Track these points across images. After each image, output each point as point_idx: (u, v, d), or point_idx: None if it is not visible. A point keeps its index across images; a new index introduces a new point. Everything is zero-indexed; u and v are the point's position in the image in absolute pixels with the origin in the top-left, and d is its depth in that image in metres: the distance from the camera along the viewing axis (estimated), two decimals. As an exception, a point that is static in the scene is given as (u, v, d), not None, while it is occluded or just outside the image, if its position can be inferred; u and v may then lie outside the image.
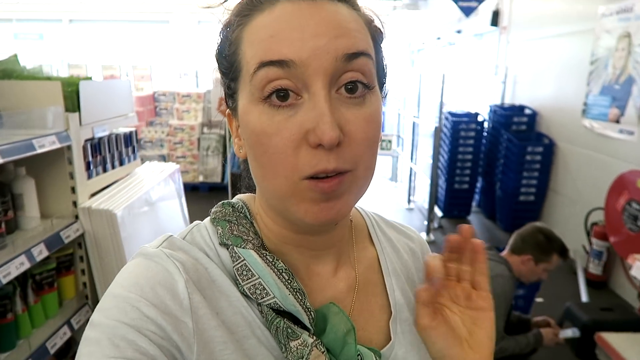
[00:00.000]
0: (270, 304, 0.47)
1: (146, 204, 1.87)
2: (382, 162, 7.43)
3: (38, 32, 9.43)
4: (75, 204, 1.65)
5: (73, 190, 1.65)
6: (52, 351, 1.48)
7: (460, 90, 6.99)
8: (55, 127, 1.53)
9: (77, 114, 1.63)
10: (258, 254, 0.49)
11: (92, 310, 0.46)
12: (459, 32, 6.82)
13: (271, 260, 0.49)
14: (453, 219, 5.11)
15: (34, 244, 1.42)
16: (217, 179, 5.81)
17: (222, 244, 0.51)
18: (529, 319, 2.35)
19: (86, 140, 1.74)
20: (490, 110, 5.03)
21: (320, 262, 0.56)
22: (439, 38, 7.94)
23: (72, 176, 1.64)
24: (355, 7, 0.49)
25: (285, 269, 0.49)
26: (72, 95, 1.62)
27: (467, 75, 6.80)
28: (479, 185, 5.36)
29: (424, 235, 4.46)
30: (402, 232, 0.69)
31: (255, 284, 0.48)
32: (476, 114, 5.04)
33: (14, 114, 1.51)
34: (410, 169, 5.53)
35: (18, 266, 1.33)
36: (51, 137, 1.49)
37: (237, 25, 0.48)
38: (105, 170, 1.88)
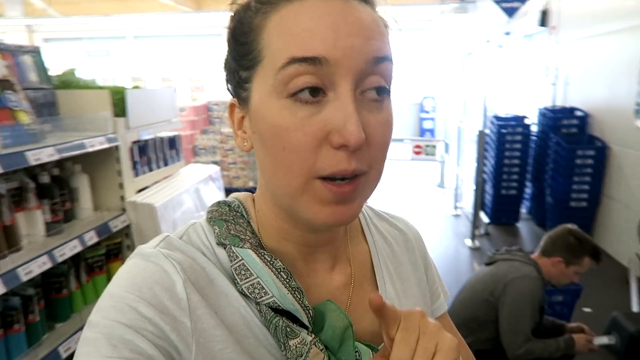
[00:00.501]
0: (269, 303, 0.47)
1: (185, 200, 2.05)
2: (429, 168, 7.36)
3: (106, 49, 10.25)
4: (122, 198, 1.85)
5: (121, 186, 1.85)
6: (99, 327, 1.68)
7: (510, 93, 6.82)
8: (104, 129, 1.74)
9: (123, 118, 1.84)
10: (256, 253, 0.49)
11: None
12: (507, 34, 6.65)
13: (269, 259, 0.49)
14: (501, 226, 4.98)
15: (86, 230, 1.62)
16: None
17: (220, 244, 0.51)
18: (563, 324, 2.29)
19: (133, 142, 1.95)
20: (539, 113, 4.89)
21: (318, 259, 0.57)
22: (488, 41, 7.77)
23: (120, 174, 1.84)
24: (375, 9, 0.49)
25: (284, 268, 0.49)
26: (119, 102, 1.82)
27: (517, 78, 6.63)
28: (528, 191, 5.19)
29: (469, 242, 4.40)
30: (393, 224, 0.69)
31: (253, 284, 0.48)
32: (523, 117, 4.91)
33: (70, 118, 1.73)
34: (457, 174, 5.46)
35: (72, 249, 1.53)
36: (100, 138, 1.69)
37: (259, 11, 0.46)
38: (150, 169, 2.08)
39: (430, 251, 0.73)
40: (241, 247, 0.49)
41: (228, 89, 0.53)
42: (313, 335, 0.47)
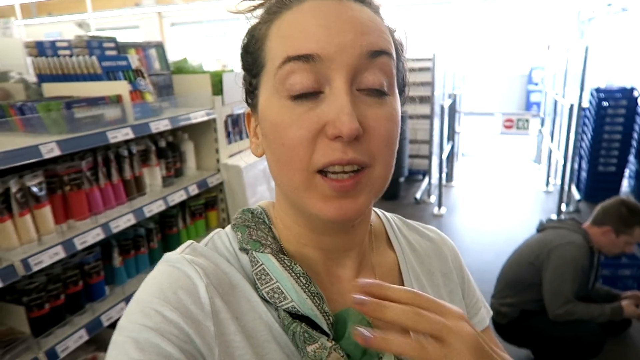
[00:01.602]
0: (288, 308, 0.47)
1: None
2: (525, 143, 7.07)
3: (222, 30, 11.22)
4: (218, 160, 2.34)
5: (217, 151, 2.34)
6: (199, 258, 2.20)
7: (630, 63, 6.22)
8: (205, 105, 2.22)
9: (220, 96, 2.30)
10: (276, 258, 0.50)
11: None
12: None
13: (289, 264, 0.49)
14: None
15: (190, 183, 2.12)
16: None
17: (242, 249, 0.52)
18: (618, 294, 2.34)
19: (227, 116, 2.41)
20: (650, 85, 4.50)
21: (341, 266, 0.57)
22: (609, 4, 7.07)
23: (216, 141, 2.32)
24: (378, 13, 0.51)
25: (303, 273, 0.49)
26: (217, 84, 2.29)
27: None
28: (633, 168, 4.85)
29: (554, 217, 4.31)
30: (424, 234, 0.68)
31: (273, 288, 0.48)
32: (632, 89, 4.56)
33: (181, 97, 2.23)
34: (549, 149, 5.26)
35: (179, 196, 2.04)
36: (202, 112, 2.17)
37: (264, 22, 0.50)
38: (241, 138, 2.54)
39: (512, 227, 0.73)
40: (262, 252, 0.50)
41: (246, 102, 0.56)
42: (333, 342, 0.46)
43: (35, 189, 1.45)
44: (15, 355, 1.38)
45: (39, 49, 1.86)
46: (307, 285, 0.48)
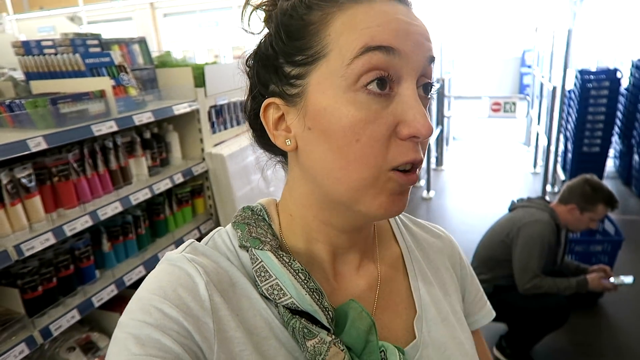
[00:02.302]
0: (287, 304, 0.48)
1: (250, 151, 2.59)
2: (516, 126, 7.15)
3: (215, 20, 11.26)
4: (202, 150, 2.45)
5: (201, 141, 2.44)
6: (187, 243, 2.32)
7: (617, 44, 6.27)
8: (187, 97, 2.32)
9: (202, 88, 2.40)
10: (275, 254, 0.50)
11: (215, 223, 0.58)
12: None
13: (287, 260, 0.50)
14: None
15: (174, 172, 2.23)
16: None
17: (242, 246, 0.53)
18: (586, 268, 2.46)
19: (211, 107, 2.51)
20: (633, 66, 4.57)
21: (344, 261, 0.57)
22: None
23: (200, 131, 2.43)
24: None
25: (302, 269, 0.49)
26: (199, 76, 2.38)
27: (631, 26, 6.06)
28: (618, 148, 4.95)
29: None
30: (430, 230, 0.69)
31: (272, 285, 0.49)
32: (615, 71, 4.63)
33: (165, 89, 2.33)
34: (537, 132, 5.36)
35: (165, 185, 2.16)
36: (185, 104, 2.27)
37: (319, 8, 0.47)
38: (225, 128, 2.65)
39: (498, 208, 0.81)
40: (261, 249, 0.50)
41: (253, 88, 0.54)
42: (333, 336, 0.47)
43: (24, 181, 1.56)
44: (12, 333, 1.51)
45: (26, 48, 1.95)
46: (305, 281, 0.48)
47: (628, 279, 2.30)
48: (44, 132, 1.59)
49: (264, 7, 0.52)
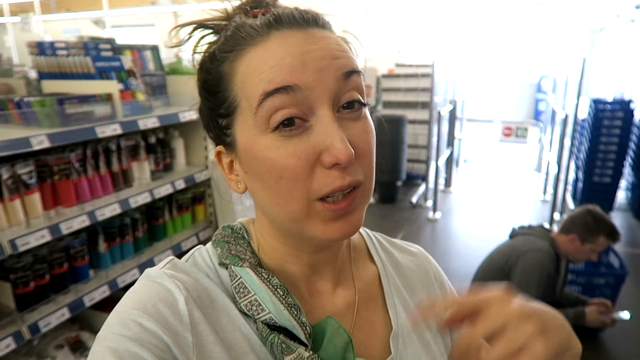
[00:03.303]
0: (266, 319, 0.49)
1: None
2: (528, 151, 7.08)
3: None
4: (206, 157, 2.47)
5: (206, 148, 2.47)
6: (183, 249, 2.33)
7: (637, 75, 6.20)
8: (193, 105, 2.35)
9: (210, 97, 2.43)
10: (254, 271, 0.51)
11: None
12: (638, 7, 6.03)
13: (266, 277, 0.51)
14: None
15: (176, 178, 2.26)
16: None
17: (221, 264, 0.54)
18: (586, 300, 2.41)
19: (218, 115, 2.54)
20: (648, 98, 4.53)
21: (320, 280, 0.58)
22: (618, 15, 7.06)
23: (205, 139, 2.46)
24: (333, 31, 0.52)
25: (280, 285, 0.50)
26: (207, 84, 2.42)
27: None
28: (630, 180, 4.87)
29: (546, 226, 4.36)
30: (405, 249, 0.70)
31: (251, 301, 0.50)
32: (629, 102, 4.59)
33: (173, 96, 2.37)
34: (548, 159, 5.30)
35: (166, 190, 2.18)
36: (191, 112, 2.30)
37: (226, 60, 0.49)
38: (231, 137, 2.67)
39: (504, 234, 0.73)
40: (240, 266, 0.52)
41: (210, 136, 0.56)
42: (311, 352, 0.48)
43: (25, 177, 1.59)
44: (0, 327, 1.53)
45: (40, 48, 2.01)
46: (284, 297, 0.49)
47: (624, 315, 2.24)
48: (48, 130, 1.63)
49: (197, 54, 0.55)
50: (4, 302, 1.60)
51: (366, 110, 0.51)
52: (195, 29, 0.54)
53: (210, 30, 0.54)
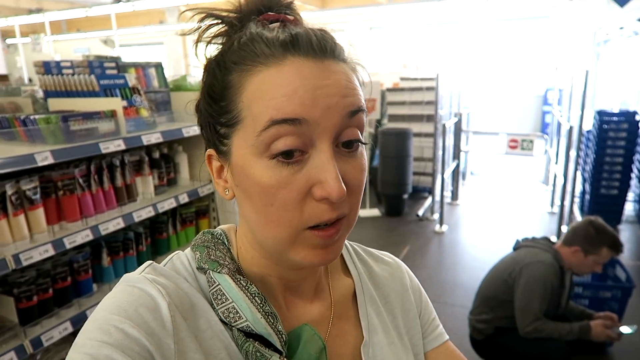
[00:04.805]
0: (242, 327, 0.49)
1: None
2: (535, 164, 7.05)
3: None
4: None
5: (209, 163, 2.50)
6: (187, 262, 2.35)
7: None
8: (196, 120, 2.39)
9: (212, 112, 2.47)
10: (232, 278, 0.51)
11: None
12: (640, 20, 6.04)
13: (244, 284, 0.51)
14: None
15: (180, 192, 2.29)
16: (363, 171, 6.48)
17: (200, 268, 0.53)
18: (592, 313, 2.37)
19: (221, 130, 2.58)
20: (654, 109, 4.50)
21: (298, 291, 0.59)
22: (622, 27, 7.07)
23: (208, 153, 2.49)
24: (347, 61, 0.51)
25: (258, 293, 0.51)
26: (210, 100, 2.46)
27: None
28: (638, 192, 4.82)
29: (554, 239, 4.32)
30: (379, 259, 0.71)
31: (229, 308, 0.50)
32: (634, 113, 4.57)
33: (177, 112, 2.41)
34: (554, 171, 5.27)
35: (169, 204, 2.21)
36: (195, 127, 2.34)
37: (234, 71, 0.48)
38: (234, 151, 2.71)
39: (510, 246, 0.71)
40: (219, 272, 0.51)
41: (202, 135, 0.55)
42: (285, 359, 0.49)
43: (29, 193, 1.63)
44: (2, 341, 1.55)
45: (45, 67, 2.07)
46: (261, 305, 0.50)
47: (631, 329, 2.21)
48: (52, 147, 1.67)
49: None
50: (7, 316, 1.62)
51: (362, 148, 0.51)
52: (205, 17, 0.52)
53: (220, 21, 0.52)
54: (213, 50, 0.53)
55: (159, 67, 2.56)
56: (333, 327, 0.60)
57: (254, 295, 0.50)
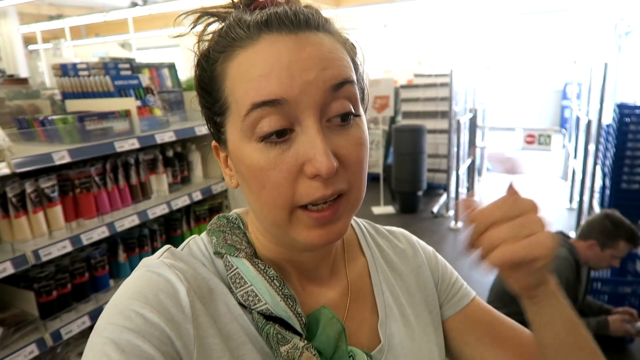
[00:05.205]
0: (262, 310, 0.49)
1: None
2: (553, 159, 6.93)
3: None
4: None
5: (222, 161, 2.54)
6: (201, 259, 2.39)
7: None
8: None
9: (225, 111, 2.51)
10: (250, 262, 0.51)
11: None
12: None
13: (263, 268, 0.51)
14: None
15: (193, 190, 2.33)
16: (378, 169, 6.47)
17: (217, 253, 0.53)
18: (610, 308, 2.33)
19: (233, 129, 2.61)
20: (676, 101, 4.38)
21: (312, 276, 0.58)
22: (643, 19, 6.90)
23: (221, 152, 2.53)
24: (332, 32, 0.49)
25: (277, 276, 0.51)
26: (223, 99, 2.50)
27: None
28: (662, 186, 4.69)
29: (572, 234, 4.24)
30: (389, 238, 0.70)
31: (248, 291, 0.50)
32: (656, 106, 4.46)
33: (190, 111, 2.46)
34: (573, 166, 5.18)
35: (183, 201, 2.25)
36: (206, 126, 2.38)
37: (218, 60, 0.48)
38: (247, 149, 2.74)
39: None
40: (236, 257, 0.52)
41: (208, 129, 0.55)
42: (306, 341, 0.49)
43: (48, 191, 1.68)
44: (24, 334, 1.60)
45: (63, 70, 2.13)
46: (280, 288, 0.50)
47: (650, 324, 2.17)
48: (69, 146, 1.72)
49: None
50: (28, 310, 1.68)
51: (360, 120, 0.49)
52: (200, 16, 0.52)
53: (216, 18, 0.52)
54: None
55: (172, 67, 2.60)
56: (350, 307, 0.59)
57: (272, 278, 0.50)
